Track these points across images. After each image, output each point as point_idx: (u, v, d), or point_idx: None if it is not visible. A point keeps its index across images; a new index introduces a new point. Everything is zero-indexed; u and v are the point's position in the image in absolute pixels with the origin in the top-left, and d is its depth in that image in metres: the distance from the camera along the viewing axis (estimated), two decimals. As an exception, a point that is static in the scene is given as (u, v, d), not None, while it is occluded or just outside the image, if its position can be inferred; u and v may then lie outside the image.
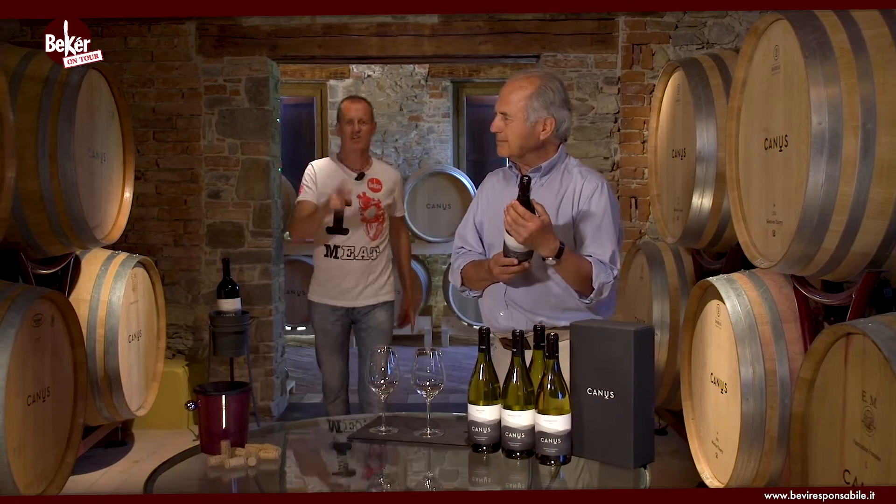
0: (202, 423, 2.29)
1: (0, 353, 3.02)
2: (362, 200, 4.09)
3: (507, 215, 2.50)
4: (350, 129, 4.08)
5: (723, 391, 3.38)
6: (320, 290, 4.18)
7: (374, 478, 2.29)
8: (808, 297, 3.07)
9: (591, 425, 2.21)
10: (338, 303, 4.15)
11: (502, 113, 2.74)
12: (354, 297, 4.13)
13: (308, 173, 4.14)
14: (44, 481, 3.42)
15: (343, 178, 4.03)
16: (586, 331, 2.24)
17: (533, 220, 2.47)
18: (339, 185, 3.91)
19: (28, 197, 3.56)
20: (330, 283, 4.12)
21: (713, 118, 3.80)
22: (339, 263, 4.09)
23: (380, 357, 2.43)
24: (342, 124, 4.12)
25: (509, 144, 2.76)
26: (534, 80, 2.74)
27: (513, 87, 2.74)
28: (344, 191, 3.87)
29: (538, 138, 2.75)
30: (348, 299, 4.14)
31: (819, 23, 2.67)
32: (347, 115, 4.10)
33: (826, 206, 2.60)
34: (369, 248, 4.11)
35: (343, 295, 4.13)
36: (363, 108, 4.13)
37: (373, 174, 4.16)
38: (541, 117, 2.72)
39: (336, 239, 4.05)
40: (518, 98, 2.71)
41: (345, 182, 3.97)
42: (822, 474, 2.63)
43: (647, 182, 5.27)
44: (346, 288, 4.12)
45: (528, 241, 2.51)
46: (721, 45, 5.27)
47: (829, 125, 2.55)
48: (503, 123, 2.74)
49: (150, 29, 5.34)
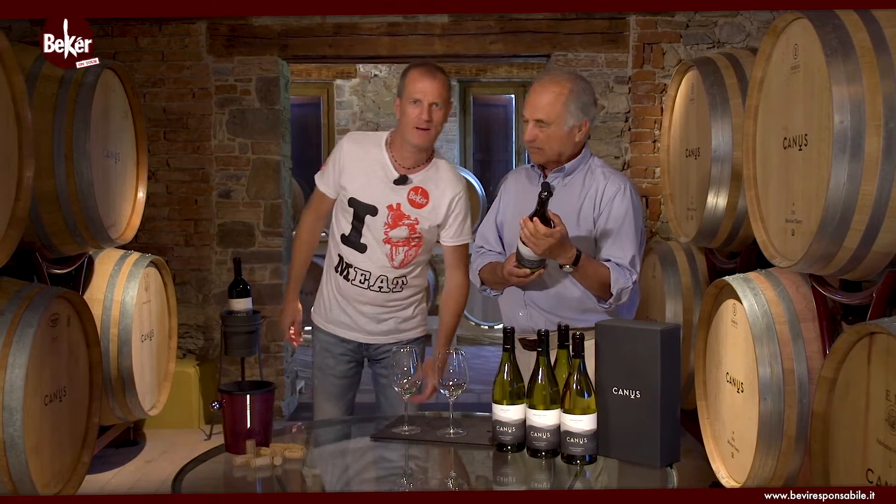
0: (227, 422, 2.29)
1: (19, 353, 3.02)
2: (393, 214, 2.92)
3: (523, 228, 2.48)
4: (416, 114, 2.83)
5: (739, 391, 3.38)
6: (324, 312, 3.09)
7: (397, 477, 2.29)
8: (826, 296, 3.07)
9: (616, 425, 2.21)
10: (346, 334, 3.07)
11: (537, 120, 2.65)
12: (367, 333, 3.05)
13: (336, 152, 3.01)
14: (60, 481, 3.42)
15: (377, 181, 2.93)
16: (612, 330, 2.24)
17: (551, 235, 2.45)
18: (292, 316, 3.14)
19: (44, 196, 3.56)
20: (335, 307, 3.05)
21: (728, 117, 3.79)
22: (348, 286, 3.00)
23: (403, 357, 2.43)
24: (405, 103, 2.85)
25: (545, 152, 2.70)
26: (565, 82, 2.67)
27: (544, 91, 2.66)
28: (296, 321, 3.13)
29: (574, 142, 2.71)
30: (359, 332, 3.06)
31: (840, 21, 2.67)
32: (416, 93, 2.83)
33: (848, 205, 2.60)
34: (391, 277, 2.97)
35: (351, 326, 3.05)
36: (441, 86, 2.84)
37: (422, 181, 2.94)
38: (578, 121, 2.67)
39: (348, 254, 2.99)
40: (554, 103, 2.64)
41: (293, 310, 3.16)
42: (844, 474, 2.63)
43: (658, 181, 5.27)
44: (355, 317, 3.03)
45: (545, 253, 2.51)
46: (732, 45, 5.27)
47: (852, 124, 2.55)
48: (538, 131, 2.66)
49: (160, 29, 5.34)
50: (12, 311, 3.08)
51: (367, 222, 2.92)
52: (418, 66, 2.89)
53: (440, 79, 2.85)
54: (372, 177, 2.93)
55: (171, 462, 4.56)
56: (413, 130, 2.84)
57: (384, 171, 2.93)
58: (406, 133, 2.87)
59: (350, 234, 2.94)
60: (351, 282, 2.97)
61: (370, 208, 2.92)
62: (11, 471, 3.00)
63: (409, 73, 2.88)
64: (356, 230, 2.93)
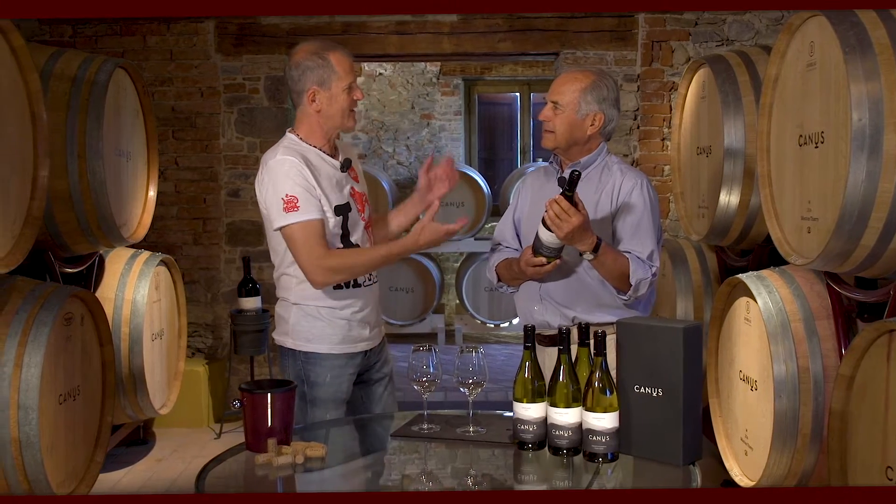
0: (247, 421, 2.29)
1: (34, 352, 3.03)
2: (357, 200, 2.84)
3: (549, 209, 2.50)
4: (349, 101, 2.75)
5: (752, 388, 3.38)
6: (332, 335, 2.79)
7: (417, 476, 2.29)
8: (841, 293, 3.07)
9: (638, 423, 2.21)
10: (357, 347, 2.85)
11: (553, 102, 2.75)
12: (378, 335, 2.93)
13: (299, 173, 2.66)
14: (74, 480, 3.43)
15: (334, 178, 2.78)
16: (634, 328, 2.24)
17: (576, 216, 2.47)
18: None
19: (56, 195, 3.56)
20: (348, 324, 2.81)
21: (741, 115, 3.79)
22: (360, 293, 2.82)
23: (422, 355, 2.43)
24: (333, 90, 2.72)
25: (556, 136, 2.76)
26: (589, 74, 2.77)
27: (567, 78, 2.77)
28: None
29: (585, 132, 2.76)
30: (370, 338, 2.89)
31: (857, 19, 2.67)
32: (347, 74, 2.73)
33: (866, 202, 2.60)
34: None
35: (363, 335, 2.85)
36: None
37: (349, 157, 2.89)
38: (591, 111, 2.74)
39: None
40: (572, 89, 2.73)
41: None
42: (862, 472, 2.63)
43: (667, 179, 5.27)
44: (369, 322, 2.87)
45: (567, 237, 2.51)
46: (741, 42, 5.27)
47: (870, 121, 2.55)
48: (552, 113, 2.75)
49: (169, 27, 5.34)
50: (27, 311, 3.08)
51: (350, 219, 2.79)
52: (338, 48, 2.75)
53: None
54: (331, 178, 2.76)
55: (182, 461, 4.56)
56: (345, 116, 2.75)
57: (328, 163, 2.78)
58: (336, 119, 2.74)
59: (343, 242, 2.78)
60: (363, 286, 2.82)
61: (346, 207, 2.79)
62: (27, 470, 3.00)
63: (333, 55, 2.71)
64: (345, 235, 2.78)
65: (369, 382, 2.95)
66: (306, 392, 2.79)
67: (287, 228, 2.66)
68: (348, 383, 2.85)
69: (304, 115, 2.77)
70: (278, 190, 2.65)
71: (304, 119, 2.78)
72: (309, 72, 2.71)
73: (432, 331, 7.54)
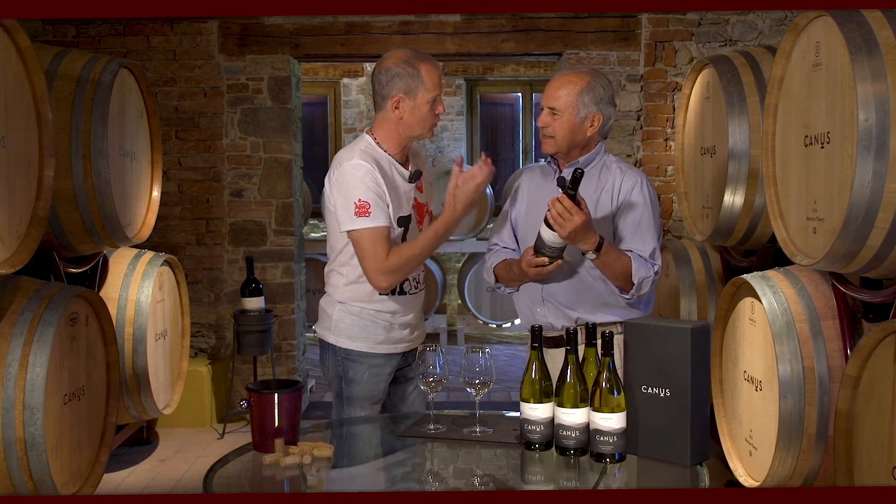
0: (255, 421, 2.29)
1: (39, 352, 3.03)
2: (417, 212, 2.88)
3: (551, 209, 2.49)
4: (431, 113, 2.77)
5: (757, 389, 3.38)
6: (374, 335, 2.82)
7: (424, 476, 2.29)
8: (846, 294, 3.07)
9: (646, 423, 2.21)
10: (397, 348, 2.87)
11: (550, 108, 2.73)
12: (419, 337, 2.96)
13: (374, 179, 2.70)
14: (79, 480, 3.43)
15: (402, 189, 2.81)
16: (642, 328, 2.24)
17: (579, 215, 2.47)
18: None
19: (61, 195, 3.56)
20: (390, 326, 2.83)
21: (746, 115, 3.79)
22: (404, 301, 2.85)
23: (428, 355, 2.43)
24: (418, 100, 2.74)
25: (556, 141, 2.75)
26: (583, 76, 2.75)
27: (562, 82, 2.74)
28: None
29: (585, 134, 2.75)
30: (410, 340, 2.92)
31: (863, 19, 2.66)
32: (434, 87, 2.74)
33: (872, 203, 2.59)
34: (423, 270, 2.98)
35: (403, 336, 2.88)
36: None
37: (419, 168, 2.91)
38: (590, 113, 2.73)
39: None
40: (568, 93, 2.71)
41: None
42: (868, 472, 2.63)
43: (670, 180, 5.27)
44: (411, 324, 2.89)
45: (570, 236, 2.51)
46: (744, 42, 5.27)
47: (877, 121, 2.54)
48: (551, 119, 2.73)
49: (172, 27, 5.34)
50: (32, 311, 3.08)
51: (409, 230, 2.83)
52: (428, 58, 2.77)
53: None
54: (398, 189, 2.79)
55: (185, 461, 4.56)
56: (428, 128, 2.79)
57: (399, 173, 2.81)
58: (415, 128, 2.76)
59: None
60: (408, 293, 2.86)
61: (407, 219, 2.82)
62: (32, 470, 3.00)
63: (424, 65, 2.73)
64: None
65: (401, 380, 2.96)
66: (343, 389, 2.85)
67: (356, 233, 2.68)
68: (385, 383, 2.87)
69: (384, 120, 2.79)
70: (351, 194, 2.67)
71: (384, 123, 2.79)
72: (397, 78, 2.73)
73: (435, 331, 7.54)
